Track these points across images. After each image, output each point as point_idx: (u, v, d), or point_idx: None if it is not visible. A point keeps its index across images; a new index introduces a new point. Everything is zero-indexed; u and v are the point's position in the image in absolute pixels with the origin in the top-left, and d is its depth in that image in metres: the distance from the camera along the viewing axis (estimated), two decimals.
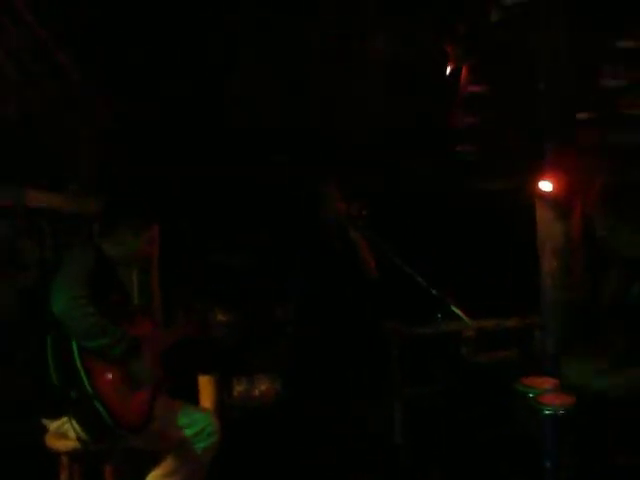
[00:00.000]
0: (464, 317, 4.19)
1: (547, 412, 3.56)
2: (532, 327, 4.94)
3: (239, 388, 4.69)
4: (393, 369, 4.61)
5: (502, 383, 4.09)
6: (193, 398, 4.23)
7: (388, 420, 4.52)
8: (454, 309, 4.15)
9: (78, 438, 2.87)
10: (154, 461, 3.13)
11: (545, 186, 4.92)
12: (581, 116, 4.33)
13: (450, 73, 4.16)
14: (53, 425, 2.93)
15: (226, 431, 3.39)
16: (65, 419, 2.86)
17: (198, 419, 3.20)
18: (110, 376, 2.86)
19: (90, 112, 4.21)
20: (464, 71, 4.21)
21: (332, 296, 4.36)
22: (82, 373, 2.76)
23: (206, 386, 4.30)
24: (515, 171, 4.94)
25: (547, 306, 5.17)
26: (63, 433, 2.91)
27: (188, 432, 3.13)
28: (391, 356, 4.63)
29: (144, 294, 4.15)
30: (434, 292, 4.09)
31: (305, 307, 4.57)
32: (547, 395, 3.68)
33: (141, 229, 3.19)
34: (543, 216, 5.13)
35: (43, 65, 3.79)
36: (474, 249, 5.19)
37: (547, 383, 3.83)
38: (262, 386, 4.74)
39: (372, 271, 4.33)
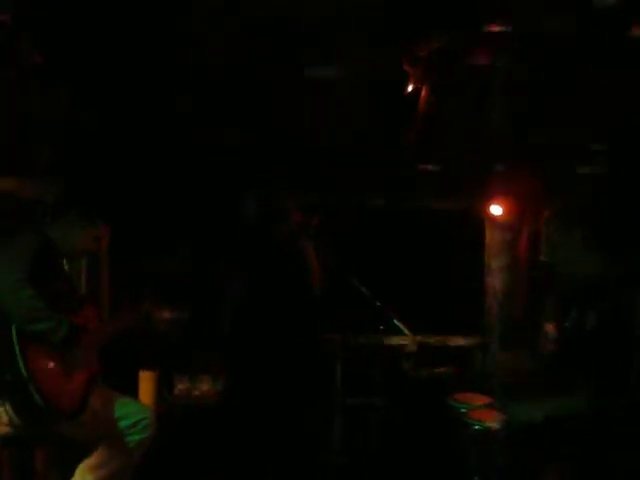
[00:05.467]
0: (406, 331, 4.27)
1: (477, 427, 3.66)
2: (473, 346, 5.06)
3: (180, 386, 4.71)
4: (334, 378, 4.66)
5: (440, 398, 4.17)
6: (133, 392, 4.24)
7: (327, 429, 4.57)
8: (396, 323, 4.23)
9: (10, 423, 2.86)
10: (86, 451, 3.13)
11: (495, 209, 5.07)
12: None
13: (410, 93, 4.24)
14: None
15: (163, 428, 3.41)
16: None
17: (134, 411, 3.21)
18: (46, 361, 2.87)
19: (51, 97, 4.19)
20: (424, 91, 4.30)
21: (276, 303, 4.40)
22: (19, 356, 2.76)
23: (146, 381, 4.32)
24: (467, 192, 5.08)
25: (490, 326, 5.31)
26: None
27: (122, 424, 3.13)
28: (333, 365, 4.68)
29: (91, 284, 4.15)
30: (378, 304, 4.16)
31: (248, 313, 4.60)
32: (478, 411, 3.79)
33: (88, 224, 3.21)
34: (492, 238, 5.28)
35: None
36: (422, 266, 5.29)
37: (479, 400, 3.94)
38: (203, 386, 4.76)
39: (317, 281, 4.38)
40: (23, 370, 2.76)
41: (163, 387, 4.53)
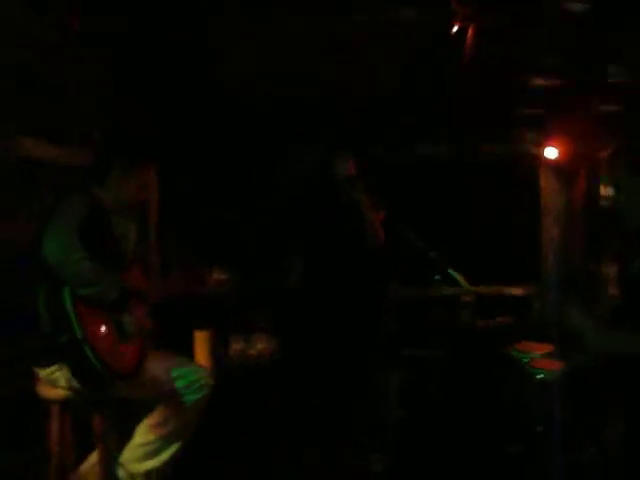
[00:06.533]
0: (462, 281, 4.18)
1: (540, 377, 3.58)
2: (530, 295, 4.94)
3: (236, 346, 4.70)
4: (392, 331, 4.60)
5: (498, 349, 4.10)
6: (188, 353, 4.25)
7: (384, 382, 4.52)
8: (452, 273, 4.14)
9: (69, 386, 2.87)
10: (144, 412, 3.13)
11: (550, 153, 4.88)
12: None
13: (456, 34, 4.07)
14: (44, 373, 2.91)
15: (219, 388, 3.40)
16: (56, 367, 2.86)
17: (190, 372, 3.21)
18: (100, 324, 2.86)
19: (93, 65, 4.15)
20: (470, 32, 4.12)
21: (334, 259, 4.33)
22: (73, 318, 2.75)
23: (201, 342, 4.32)
24: (520, 136, 4.91)
25: (547, 275, 5.17)
26: (54, 381, 2.90)
27: (179, 384, 3.14)
28: (390, 318, 4.62)
29: (141, 245, 4.13)
30: (434, 255, 4.07)
31: (307, 269, 4.55)
32: (541, 360, 3.71)
33: (132, 173, 3.15)
34: (547, 184, 5.11)
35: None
36: (476, 215, 5.17)
37: (541, 349, 3.85)
38: (259, 345, 4.75)
39: (376, 233, 4.28)
40: (77, 331, 2.75)
41: (218, 347, 4.52)
